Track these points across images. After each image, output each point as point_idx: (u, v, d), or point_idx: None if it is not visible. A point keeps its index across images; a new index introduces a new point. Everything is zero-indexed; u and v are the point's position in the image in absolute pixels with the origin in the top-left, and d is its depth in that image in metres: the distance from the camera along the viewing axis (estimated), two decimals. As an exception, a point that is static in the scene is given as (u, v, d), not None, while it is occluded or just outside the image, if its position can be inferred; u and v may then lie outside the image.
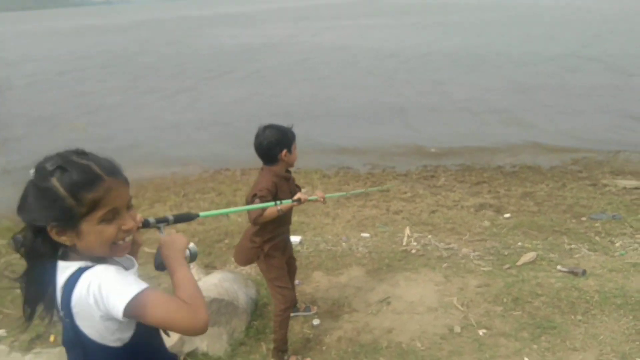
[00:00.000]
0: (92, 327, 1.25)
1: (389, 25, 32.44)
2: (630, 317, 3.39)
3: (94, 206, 1.23)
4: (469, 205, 5.76)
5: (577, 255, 4.40)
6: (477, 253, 4.50)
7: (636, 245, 4.52)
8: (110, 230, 1.27)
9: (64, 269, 1.26)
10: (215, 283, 3.48)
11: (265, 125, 2.87)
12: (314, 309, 3.71)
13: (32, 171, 1.24)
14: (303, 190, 2.96)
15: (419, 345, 3.28)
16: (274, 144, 2.81)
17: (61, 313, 1.25)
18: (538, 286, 3.85)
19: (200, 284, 3.46)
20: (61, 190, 1.20)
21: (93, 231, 1.25)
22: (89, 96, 14.70)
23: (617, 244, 4.57)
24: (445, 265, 4.28)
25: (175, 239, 1.42)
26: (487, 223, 5.22)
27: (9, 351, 2.70)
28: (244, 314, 3.48)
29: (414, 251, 4.57)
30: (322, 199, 2.96)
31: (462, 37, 23.42)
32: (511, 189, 6.40)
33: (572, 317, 3.46)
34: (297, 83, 15.05)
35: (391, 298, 3.82)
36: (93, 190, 1.22)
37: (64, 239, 1.24)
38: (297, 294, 3.91)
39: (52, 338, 3.32)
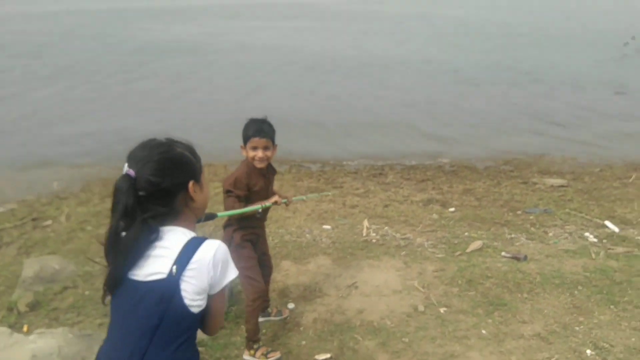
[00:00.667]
0: (194, 285, 1.45)
1: (312, 28, 32.84)
2: (568, 294, 3.88)
3: (201, 164, 1.60)
4: (417, 200, 6.17)
5: (517, 244, 4.91)
6: (430, 242, 4.88)
7: (566, 234, 5.11)
8: None
9: (178, 233, 1.51)
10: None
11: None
12: (286, 313, 3.65)
13: (126, 164, 1.50)
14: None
15: (388, 323, 3.56)
16: None
17: (173, 268, 1.43)
18: (487, 270, 4.27)
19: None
20: (187, 153, 1.59)
21: (206, 184, 1.66)
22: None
23: (550, 234, 5.14)
24: (403, 253, 4.62)
25: None
26: (435, 216, 5.65)
27: (11, 333, 2.63)
28: (222, 299, 3.57)
29: (374, 241, 4.87)
30: (289, 202, 3.19)
31: (384, 46, 23.88)
32: (453, 185, 6.91)
33: (519, 295, 3.89)
34: (214, 84, 14.68)
35: (358, 283, 4.07)
36: (197, 153, 1.65)
37: (195, 194, 1.54)
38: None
39: (25, 328, 3.24)
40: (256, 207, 2.87)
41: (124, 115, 11.12)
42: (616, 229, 5.16)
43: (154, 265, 1.44)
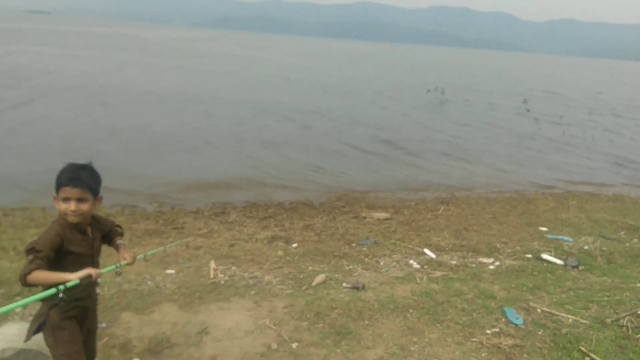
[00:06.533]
0: None
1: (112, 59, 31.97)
2: (402, 318, 4.31)
3: None
4: (262, 238, 6.27)
5: (355, 274, 5.30)
6: (278, 279, 4.98)
7: (394, 263, 5.70)
8: None
9: None
10: (16, 333, 3.05)
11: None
12: None
13: None
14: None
15: (243, 366, 3.51)
16: None
17: None
18: (332, 301, 4.52)
19: (-3, 336, 3.01)
20: None
21: None
22: None
23: (382, 263, 5.68)
24: (253, 292, 4.62)
25: None
26: (280, 252, 5.80)
27: None
28: (53, 364, 3.13)
29: (222, 282, 4.78)
30: (131, 262, 2.58)
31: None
32: (294, 222, 7.19)
33: (362, 322, 4.19)
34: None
35: (209, 328, 3.94)
36: None
37: None
38: (106, 338, 3.72)
39: None
40: (49, 291, 2.04)
41: None
42: (433, 256, 5.93)
43: None
